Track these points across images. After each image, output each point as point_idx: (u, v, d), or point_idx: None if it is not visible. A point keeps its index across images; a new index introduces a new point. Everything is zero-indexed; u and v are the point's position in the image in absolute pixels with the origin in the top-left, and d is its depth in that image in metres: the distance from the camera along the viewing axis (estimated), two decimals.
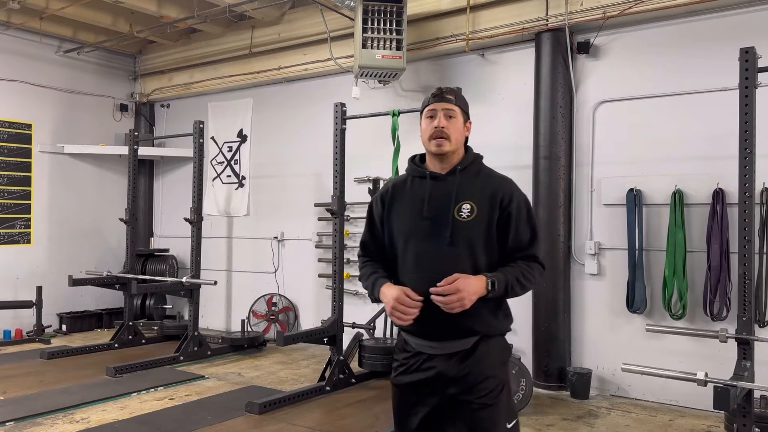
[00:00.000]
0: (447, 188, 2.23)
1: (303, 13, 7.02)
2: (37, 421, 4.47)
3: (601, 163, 5.47)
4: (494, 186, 2.25)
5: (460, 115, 2.29)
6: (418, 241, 2.21)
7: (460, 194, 2.21)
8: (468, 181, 2.25)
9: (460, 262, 2.14)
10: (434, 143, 2.24)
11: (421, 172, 2.30)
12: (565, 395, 5.29)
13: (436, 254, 2.17)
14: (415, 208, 2.23)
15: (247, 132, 8.02)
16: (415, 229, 2.22)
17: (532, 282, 2.20)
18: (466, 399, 2.14)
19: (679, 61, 5.11)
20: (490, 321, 2.18)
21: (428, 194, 2.23)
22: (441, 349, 2.18)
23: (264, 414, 4.68)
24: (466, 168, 2.27)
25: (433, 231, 2.18)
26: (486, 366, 2.16)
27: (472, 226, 2.17)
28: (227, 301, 8.04)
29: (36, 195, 7.82)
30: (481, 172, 2.31)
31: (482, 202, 2.19)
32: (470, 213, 2.18)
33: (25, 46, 7.67)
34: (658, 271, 5.08)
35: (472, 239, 2.16)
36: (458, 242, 2.16)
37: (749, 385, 3.18)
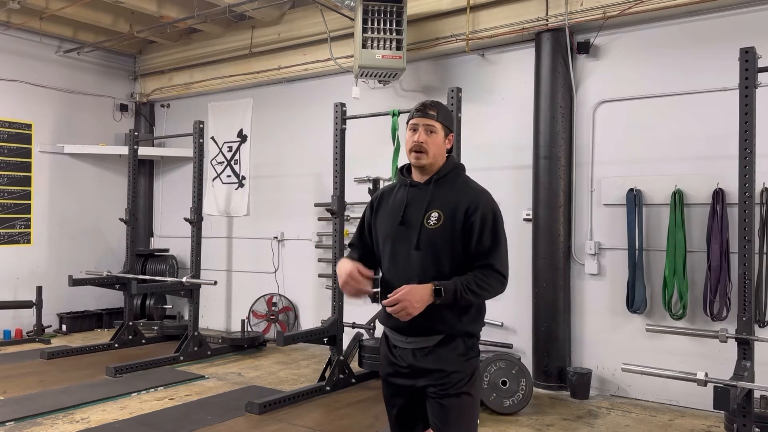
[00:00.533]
0: (422, 196, 2.40)
1: (303, 13, 7.02)
2: (37, 421, 4.47)
3: (601, 163, 5.47)
4: (463, 196, 2.37)
5: (441, 131, 2.42)
6: (394, 244, 2.41)
7: (432, 203, 2.37)
8: (442, 191, 2.40)
9: (425, 265, 2.33)
10: (413, 156, 2.40)
11: (404, 180, 2.48)
12: (565, 395, 5.29)
13: (405, 257, 2.37)
14: (395, 214, 2.43)
15: (247, 132, 8.02)
16: (392, 233, 2.42)
17: (487, 290, 2.31)
18: (433, 391, 2.33)
19: (679, 61, 5.11)
20: (453, 323, 2.34)
21: (406, 201, 2.41)
22: (410, 344, 2.38)
23: (264, 414, 4.68)
24: (441, 178, 2.42)
25: (406, 236, 2.37)
26: (449, 361, 2.33)
27: (437, 233, 2.33)
28: (227, 301, 8.04)
29: (36, 195, 7.82)
30: (457, 182, 2.44)
31: (448, 211, 2.34)
32: (437, 221, 2.34)
33: (25, 46, 7.67)
34: (658, 271, 5.08)
35: (436, 245, 2.33)
36: (424, 247, 2.33)
37: (749, 385, 3.19)
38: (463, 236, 2.33)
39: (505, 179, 5.91)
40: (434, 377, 2.33)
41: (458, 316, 2.34)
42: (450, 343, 2.34)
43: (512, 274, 6.15)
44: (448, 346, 2.34)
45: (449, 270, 2.31)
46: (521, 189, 5.78)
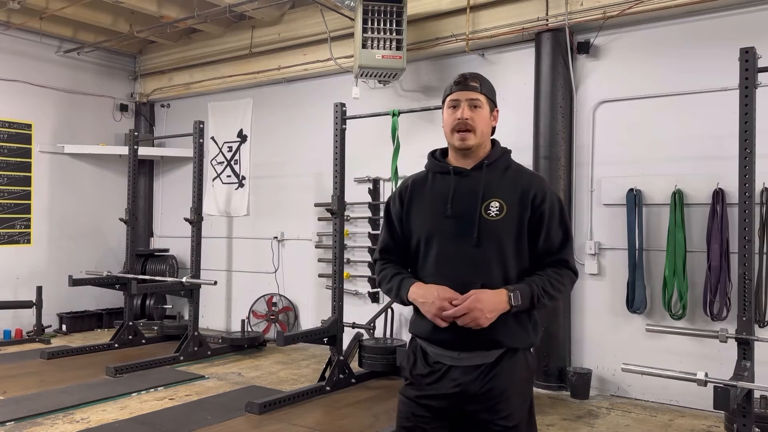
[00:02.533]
0: (473, 185, 2.03)
1: (303, 13, 7.02)
2: (37, 421, 4.47)
3: (601, 163, 5.47)
4: (525, 183, 2.05)
5: (486, 104, 2.10)
6: (441, 241, 2.03)
7: (488, 191, 2.02)
8: (496, 177, 2.05)
9: (488, 265, 1.98)
10: (458, 137, 2.04)
11: (443, 167, 2.11)
12: (565, 395, 5.29)
13: (461, 256, 2.00)
14: (438, 205, 2.05)
15: (247, 132, 8.02)
16: (437, 228, 2.04)
17: (562, 292, 2.02)
18: (486, 418, 1.97)
19: (679, 61, 5.11)
20: (518, 333, 2.01)
21: (452, 191, 2.04)
22: (461, 361, 2.00)
23: (264, 414, 4.68)
24: (493, 163, 2.08)
25: (458, 231, 2.00)
26: (510, 383, 1.98)
27: (501, 225, 1.98)
28: (227, 301, 8.04)
29: (36, 195, 7.82)
30: (510, 167, 2.11)
31: (512, 200, 2.01)
32: (499, 212, 1.99)
33: (25, 46, 7.67)
34: (658, 271, 5.08)
35: (501, 240, 1.99)
36: (486, 243, 1.98)
37: (749, 385, 3.19)
38: (530, 229, 2.01)
39: None
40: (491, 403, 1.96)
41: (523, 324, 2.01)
42: (512, 359, 2.00)
43: None
44: (509, 364, 1.99)
45: (516, 268, 2.00)
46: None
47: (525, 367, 2.03)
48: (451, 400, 2.01)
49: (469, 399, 1.98)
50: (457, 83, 2.10)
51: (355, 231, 6.91)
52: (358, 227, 6.90)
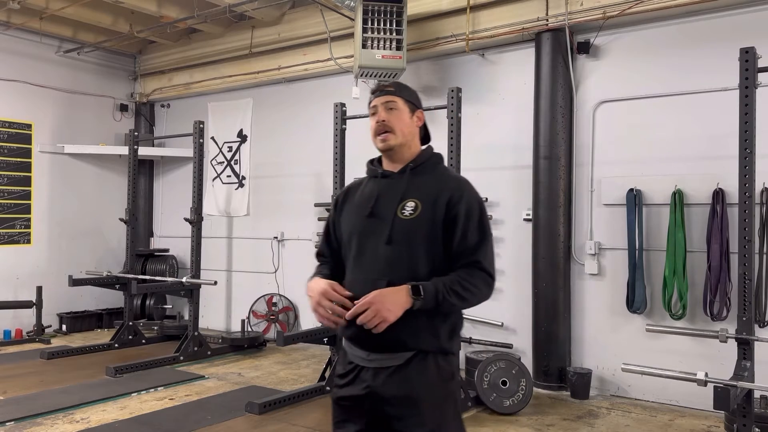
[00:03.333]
0: (397, 186, 2.07)
1: (303, 13, 7.02)
2: (37, 421, 4.47)
3: (601, 163, 5.46)
4: (445, 185, 2.05)
5: (404, 106, 2.12)
6: (359, 240, 2.07)
7: (408, 192, 2.04)
8: (419, 179, 2.07)
9: (397, 263, 1.97)
10: (379, 139, 2.10)
11: (374, 171, 2.17)
12: (565, 395, 5.29)
13: (373, 255, 2.01)
14: (362, 206, 2.10)
15: (247, 132, 8.01)
16: (357, 228, 2.09)
17: (473, 293, 1.95)
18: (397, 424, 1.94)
19: (679, 61, 5.11)
20: (426, 336, 1.96)
21: (378, 192, 2.09)
22: (371, 362, 1.99)
23: (264, 414, 4.68)
24: (419, 166, 2.10)
25: (374, 229, 2.03)
26: (419, 387, 1.94)
27: (413, 225, 1.99)
28: (227, 301, 8.04)
29: (36, 195, 7.82)
30: (436, 171, 2.13)
31: (428, 201, 2.01)
32: (413, 211, 2.00)
33: (25, 46, 7.67)
34: (658, 271, 5.08)
35: (412, 239, 1.98)
36: (397, 242, 1.98)
37: (749, 385, 3.19)
38: (445, 230, 1.99)
39: (505, 179, 5.91)
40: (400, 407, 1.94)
41: (435, 327, 1.97)
42: (422, 362, 1.95)
43: (512, 274, 6.16)
44: (417, 367, 1.95)
45: (427, 269, 1.96)
46: (521, 189, 5.78)
47: (436, 372, 1.97)
48: (362, 402, 1.99)
49: (383, 402, 1.96)
50: (374, 92, 2.15)
51: None
52: None
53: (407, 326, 1.91)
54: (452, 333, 2.03)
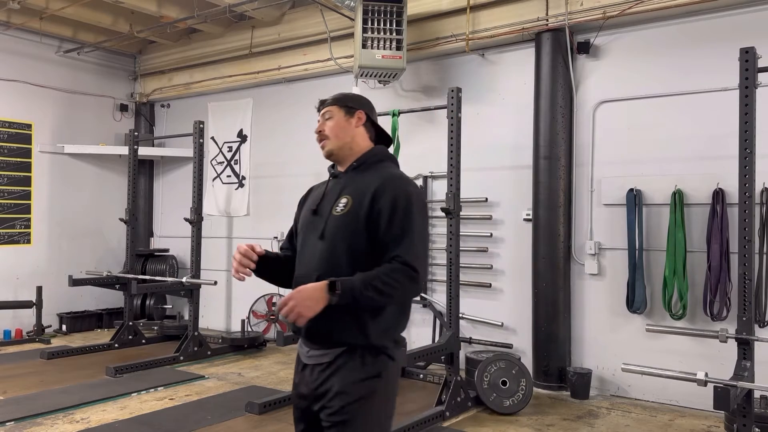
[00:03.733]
0: (339, 185, 2.18)
1: (303, 13, 7.02)
2: (37, 421, 4.47)
3: (601, 163, 5.46)
4: (378, 181, 2.08)
5: (339, 111, 2.23)
6: (303, 236, 2.20)
7: (344, 189, 2.13)
8: (359, 176, 2.15)
9: (327, 258, 2.05)
10: (320, 147, 2.26)
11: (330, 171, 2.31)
12: (565, 395, 5.29)
13: (310, 250, 2.12)
14: (311, 204, 2.23)
15: (247, 132, 8.01)
16: (305, 223, 2.22)
17: (394, 288, 1.93)
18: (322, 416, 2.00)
19: (679, 61, 5.11)
20: (353, 332, 1.98)
21: (325, 191, 2.21)
22: (310, 359, 2.07)
23: (264, 414, 4.68)
24: (361, 165, 2.19)
25: (314, 226, 2.14)
26: (339, 381, 1.97)
27: (343, 220, 2.05)
28: (227, 301, 8.04)
29: (36, 195, 7.82)
30: (377, 168, 2.17)
31: (359, 197, 2.06)
32: (344, 207, 2.07)
33: (25, 46, 7.67)
34: (658, 271, 5.08)
35: (340, 234, 2.04)
36: (329, 237, 2.06)
37: (749, 385, 3.19)
38: (368, 225, 2.01)
39: (505, 179, 5.92)
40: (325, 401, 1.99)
41: (363, 323, 1.98)
42: (348, 357, 1.99)
43: (512, 274, 6.16)
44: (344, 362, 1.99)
45: (347, 264, 1.99)
46: (521, 189, 5.78)
47: (360, 368, 1.98)
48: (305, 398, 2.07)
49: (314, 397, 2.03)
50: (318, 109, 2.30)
51: None
52: None
53: (336, 321, 1.96)
54: (386, 330, 2.04)
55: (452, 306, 4.82)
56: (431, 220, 6.31)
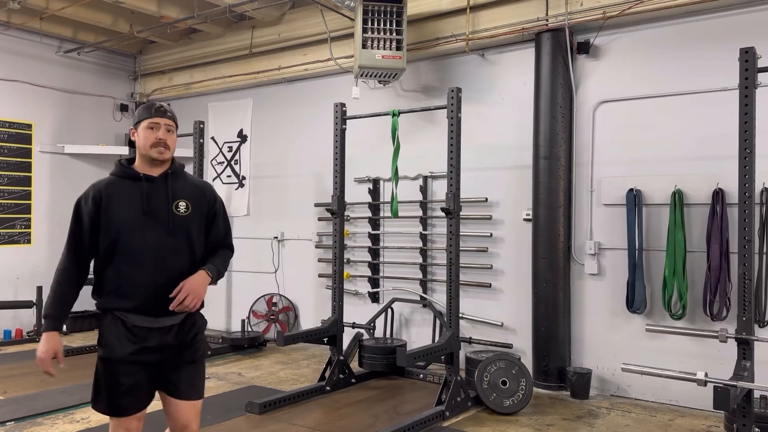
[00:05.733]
0: (162, 188, 2.66)
1: (303, 14, 7.02)
2: (37, 421, 4.47)
3: (601, 163, 5.47)
4: (203, 189, 2.79)
5: (175, 129, 2.73)
6: (143, 233, 2.59)
7: (176, 194, 2.67)
8: (179, 183, 2.71)
9: (181, 250, 2.64)
10: (157, 151, 2.63)
11: (133, 174, 2.66)
12: (565, 395, 5.29)
13: (159, 244, 2.59)
14: (134, 204, 2.61)
15: (247, 132, 8.02)
16: (136, 223, 2.59)
17: (228, 264, 2.86)
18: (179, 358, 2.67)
19: (679, 61, 5.11)
20: None
21: (145, 193, 2.62)
22: (158, 323, 2.62)
23: (264, 414, 4.68)
24: (175, 173, 2.72)
25: (156, 224, 2.60)
26: (193, 334, 2.71)
27: (189, 219, 2.67)
28: (227, 301, 8.04)
29: (36, 195, 7.83)
30: (186, 177, 2.79)
31: (195, 201, 2.71)
32: (186, 209, 2.67)
33: (26, 46, 7.68)
34: (658, 271, 5.08)
35: (189, 230, 2.67)
36: (178, 233, 2.63)
37: (749, 385, 3.19)
38: (207, 222, 2.75)
39: (505, 179, 5.92)
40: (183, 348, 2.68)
41: None
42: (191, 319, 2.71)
43: (512, 274, 6.14)
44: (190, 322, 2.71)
45: (201, 252, 2.71)
46: (521, 189, 5.78)
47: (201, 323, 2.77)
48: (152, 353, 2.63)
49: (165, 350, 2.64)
50: (156, 110, 2.67)
51: (355, 231, 6.92)
52: (358, 227, 6.90)
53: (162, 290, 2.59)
54: None
55: (452, 306, 4.83)
56: (431, 220, 6.32)
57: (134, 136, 2.71)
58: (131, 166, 2.70)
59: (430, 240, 6.36)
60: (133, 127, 2.72)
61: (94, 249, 2.69)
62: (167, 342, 2.64)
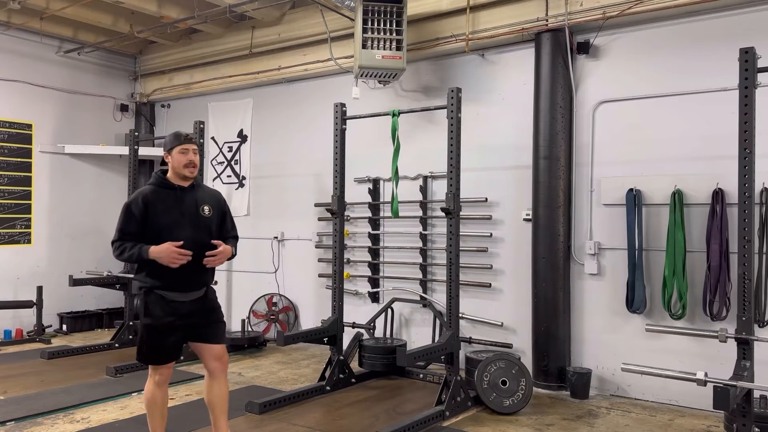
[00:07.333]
0: (191, 197, 3.61)
1: (303, 14, 7.02)
2: (37, 421, 4.47)
3: (601, 163, 5.47)
4: (216, 197, 3.78)
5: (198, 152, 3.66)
6: (180, 229, 3.48)
7: (200, 200, 3.64)
8: (200, 193, 3.69)
9: (204, 242, 3.52)
10: (189, 170, 3.58)
11: (170, 185, 3.58)
12: (564, 395, 5.29)
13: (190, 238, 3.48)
14: (173, 208, 3.52)
15: (248, 132, 8.02)
16: (175, 221, 3.50)
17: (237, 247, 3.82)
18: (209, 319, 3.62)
19: (679, 61, 5.12)
20: (209, 279, 3.67)
21: (180, 199, 3.56)
22: (187, 297, 3.53)
23: (264, 414, 4.68)
24: (197, 185, 3.71)
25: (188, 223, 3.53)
26: (214, 302, 3.69)
27: (210, 219, 3.64)
28: (227, 301, 8.04)
29: (36, 195, 7.83)
30: (204, 187, 3.80)
31: (214, 206, 3.69)
32: (209, 212, 3.65)
33: (26, 46, 7.68)
34: (657, 271, 5.09)
35: (210, 228, 3.62)
36: (203, 229, 3.57)
37: (749, 385, 3.20)
38: (220, 221, 3.72)
39: (505, 179, 5.92)
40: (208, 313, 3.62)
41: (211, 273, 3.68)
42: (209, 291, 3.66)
43: (512, 274, 6.14)
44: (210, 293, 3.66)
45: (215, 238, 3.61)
46: (521, 189, 5.78)
47: (214, 294, 3.71)
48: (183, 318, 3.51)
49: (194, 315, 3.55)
50: (185, 138, 3.58)
51: (355, 231, 6.92)
52: (358, 227, 6.90)
53: (207, 274, 3.63)
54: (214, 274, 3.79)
55: (452, 306, 4.83)
56: (431, 220, 6.32)
57: (168, 158, 3.57)
58: (167, 178, 3.58)
59: (430, 240, 6.36)
60: (167, 152, 3.56)
61: (139, 237, 3.46)
62: (195, 309, 3.54)
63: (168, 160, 3.58)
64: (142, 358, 3.56)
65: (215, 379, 3.67)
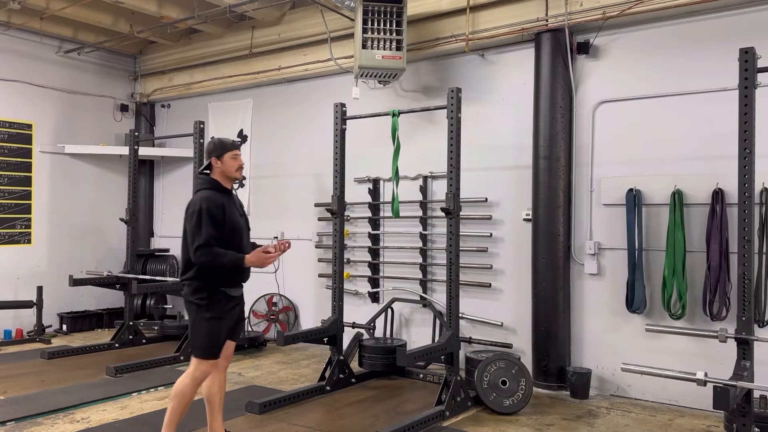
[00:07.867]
0: (236, 199, 3.92)
1: (303, 14, 7.02)
2: (37, 421, 4.47)
3: (601, 163, 5.47)
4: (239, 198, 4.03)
5: None
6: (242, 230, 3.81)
7: (239, 202, 3.94)
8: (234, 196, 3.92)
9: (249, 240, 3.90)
10: (239, 173, 3.84)
11: (224, 189, 3.80)
12: (564, 395, 5.29)
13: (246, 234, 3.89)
14: (235, 210, 3.79)
15: (248, 132, 8.02)
16: (239, 223, 3.78)
17: None
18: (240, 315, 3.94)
19: (679, 61, 5.12)
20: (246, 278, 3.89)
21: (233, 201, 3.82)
22: (239, 293, 3.84)
23: (264, 414, 4.69)
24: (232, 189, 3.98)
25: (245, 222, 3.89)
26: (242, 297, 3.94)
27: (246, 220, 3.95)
28: None
29: (36, 195, 7.83)
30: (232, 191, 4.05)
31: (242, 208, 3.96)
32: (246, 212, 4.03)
33: (26, 47, 7.68)
34: (657, 271, 5.09)
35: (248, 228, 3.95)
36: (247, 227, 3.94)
37: (749, 385, 3.20)
38: None
39: (505, 179, 5.92)
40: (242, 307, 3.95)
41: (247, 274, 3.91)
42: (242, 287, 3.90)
43: (512, 274, 6.17)
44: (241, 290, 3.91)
45: None
46: (521, 189, 5.78)
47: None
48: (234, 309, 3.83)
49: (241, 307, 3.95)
50: (234, 145, 3.83)
51: (355, 231, 6.92)
52: (358, 227, 6.90)
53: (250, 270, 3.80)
54: None
55: (452, 306, 4.83)
56: (431, 220, 6.33)
57: (216, 164, 3.73)
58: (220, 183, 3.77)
59: (430, 240, 6.36)
60: (216, 158, 3.72)
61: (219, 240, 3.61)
62: (240, 303, 3.88)
63: (217, 165, 3.74)
64: (202, 353, 3.70)
65: (219, 373, 3.84)
